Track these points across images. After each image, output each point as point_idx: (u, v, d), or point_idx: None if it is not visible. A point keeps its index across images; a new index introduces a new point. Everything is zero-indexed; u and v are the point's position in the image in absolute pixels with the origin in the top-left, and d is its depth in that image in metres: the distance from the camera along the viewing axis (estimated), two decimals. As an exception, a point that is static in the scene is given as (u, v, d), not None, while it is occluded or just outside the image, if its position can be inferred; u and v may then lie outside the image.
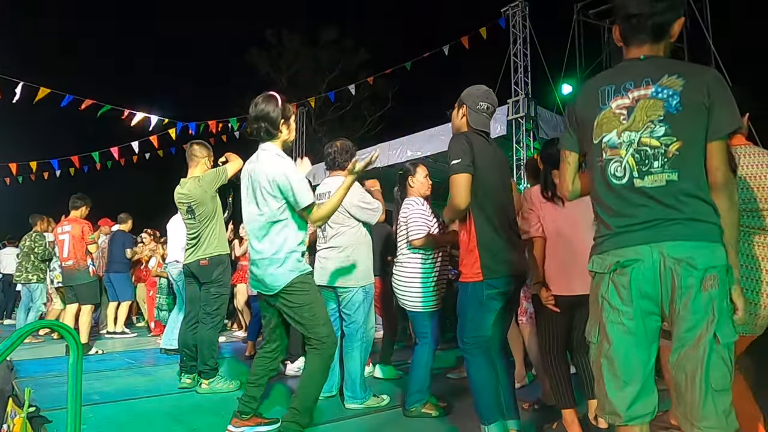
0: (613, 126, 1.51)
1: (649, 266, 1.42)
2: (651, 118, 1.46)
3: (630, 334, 1.46)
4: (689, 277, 1.38)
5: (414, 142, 8.68)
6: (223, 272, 3.76)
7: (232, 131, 11.16)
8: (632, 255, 1.44)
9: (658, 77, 1.47)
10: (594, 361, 1.55)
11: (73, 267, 5.52)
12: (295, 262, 2.51)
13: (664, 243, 1.41)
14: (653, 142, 1.45)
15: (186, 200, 3.71)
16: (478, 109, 2.43)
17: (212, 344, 3.70)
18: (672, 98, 1.44)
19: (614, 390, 1.48)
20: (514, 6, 9.02)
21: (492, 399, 2.30)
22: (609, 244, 1.51)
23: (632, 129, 1.48)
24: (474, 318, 2.32)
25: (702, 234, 1.40)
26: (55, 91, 7.84)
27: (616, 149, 1.50)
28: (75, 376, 1.75)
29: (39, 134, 19.62)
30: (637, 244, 1.44)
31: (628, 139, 1.48)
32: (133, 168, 11.48)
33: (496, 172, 2.38)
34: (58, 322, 1.89)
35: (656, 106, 1.46)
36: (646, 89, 1.48)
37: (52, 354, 5.33)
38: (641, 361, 1.46)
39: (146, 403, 3.39)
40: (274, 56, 21.28)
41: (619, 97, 1.52)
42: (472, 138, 2.34)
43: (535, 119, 8.33)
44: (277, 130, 2.52)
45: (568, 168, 1.72)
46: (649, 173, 1.45)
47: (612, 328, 1.48)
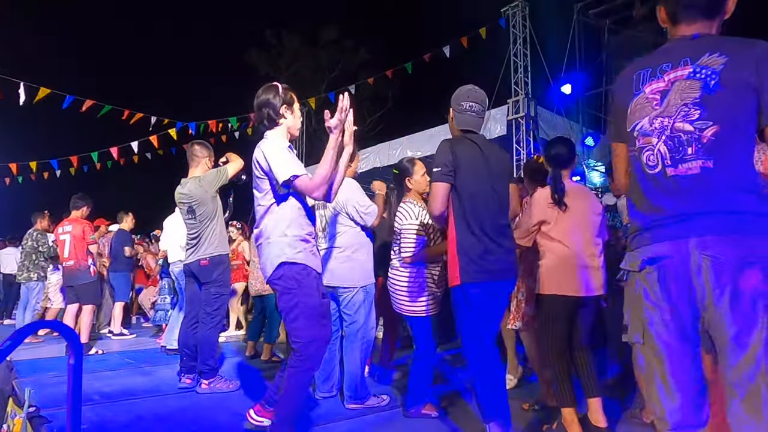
0: (645, 112, 1.41)
1: (679, 263, 1.32)
2: (685, 101, 1.34)
3: (669, 333, 1.36)
4: (721, 273, 1.26)
5: (414, 142, 8.70)
6: (223, 272, 3.76)
7: (232, 131, 11.16)
8: (661, 252, 1.34)
9: (698, 56, 1.35)
10: (637, 364, 1.44)
11: (74, 267, 5.52)
12: (286, 247, 2.35)
13: (694, 238, 1.30)
14: (687, 127, 1.33)
15: (187, 200, 3.71)
16: (461, 110, 2.46)
17: (212, 344, 3.70)
18: (711, 78, 1.31)
19: (662, 395, 1.37)
20: (514, 6, 9.03)
21: (495, 398, 2.31)
22: (639, 240, 1.42)
23: (665, 114, 1.37)
24: (466, 319, 2.35)
25: (737, 227, 1.27)
26: (56, 91, 7.85)
27: (648, 137, 1.40)
28: (75, 376, 1.76)
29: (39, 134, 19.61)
30: (665, 239, 1.34)
31: (660, 126, 1.38)
32: (133, 168, 11.49)
33: (484, 177, 2.37)
34: (58, 322, 1.89)
35: (693, 87, 1.34)
36: (684, 69, 1.36)
37: (52, 354, 5.33)
38: (686, 364, 1.35)
39: (146, 403, 3.39)
40: (274, 56, 21.29)
41: (654, 80, 1.41)
42: (457, 144, 2.37)
43: (535, 119, 8.34)
44: (279, 116, 2.49)
45: (618, 161, 1.58)
46: (682, 161, 1.34)
47: (653, 329, 1.38)
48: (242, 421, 2.98)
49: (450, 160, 2.30)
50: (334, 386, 3.41)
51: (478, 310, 2.32)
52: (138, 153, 10.00)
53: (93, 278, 5.61)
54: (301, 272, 2.35)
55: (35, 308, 6.92)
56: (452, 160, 2.30)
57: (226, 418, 3.06)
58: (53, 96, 7.83)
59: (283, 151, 2.36)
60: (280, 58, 21.36)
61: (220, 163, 3.90)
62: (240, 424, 2.96)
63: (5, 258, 9.10)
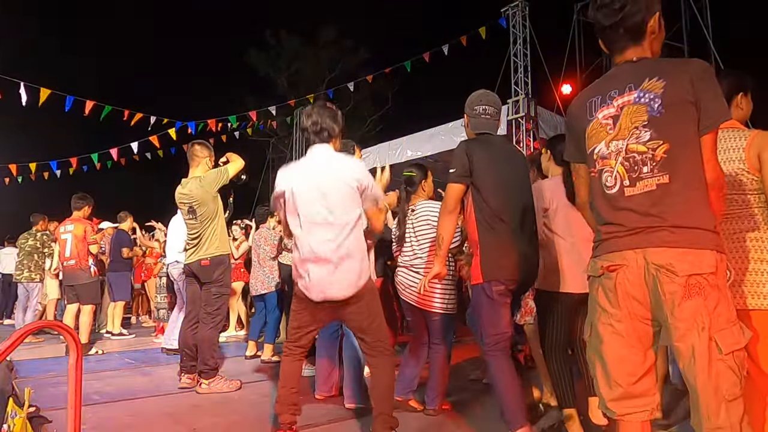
0: (601, 137, 1.52)
1: (634, 271, 1.44)
2: (636, 125, 1.45)
3: (619, 336, 1.48)
4: (671, 284, 1.37)
5: (414, 142, 8.69)
6: (223, 272, 3.76)
7: (232, 130, 11.16)
8: (618, 260, 1.46)
9: (639, 82, 1.47)
10: (588, 358, 1.60)
11: (75, 266, 5.52)
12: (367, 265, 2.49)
13: (648, 249, 1.41)
14: (640, 148, 1.44)
15: (187, 200, 3.71)
16: (474, 114, 2.53)
17: (212, 344, 3.70)
18: (654, 101, 1.43)
19: (605, 387, 1.51)
20: (514, 6, 9.02)
21: (518, 402, 2.32)
22: (600, 249, 1.54)
23: (619, 137, 1.48)
24: (488, 317, 2.38)
25: (687, 240, 1.38)
26: (56, 92, 7.85)
27: (606, 159, 1.51)
28: (75, 376, 1.75)
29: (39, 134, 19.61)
30: (622, 249, 1.46)
31: (616, 148, 1.49)
32: (133, 168, 11.49)
33: (502, 174, 2.40)
34: (58, 322, 1.89)
35: (639, 111, 1.45)
36: (629, 95, 1.48)
37: (52, 354, 5.34)
38: (633, 362, 1.47)
39: (146, 403, 3.39)
40: (273, 56, 21.30)
41: (605, 106, 1.52)
42: (472, 146, 2.41)
43: (535, 119, 8.34)
44: (333, 139, 2.50)
45: (581, 181, 1.71)
46: (639, 179, 1.44)
47: (603, 329, 1.51)
48: (242, 422, 2.99)
49: (466, 162, 2.36)
50: (334, 386, 3.41)
51: (500, 308, 2.35)
52: (138, 153, 10.01)
53: (93, 278, 5.61)
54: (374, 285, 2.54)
55: (36, 308, 6.92)
56: (469, 162, 2.36)
57: (227, 419, 3.06)
58: (53, 96, 7.83)
59: None
60: (279, 58, 21.37)
61: (221, 163, 3.90)
62: (239, 424, 2.97)
63: (5, 258, 9.09)
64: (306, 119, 2.49)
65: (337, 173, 2.37)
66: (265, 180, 17.13)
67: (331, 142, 2.48)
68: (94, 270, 5.61)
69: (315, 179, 2.37)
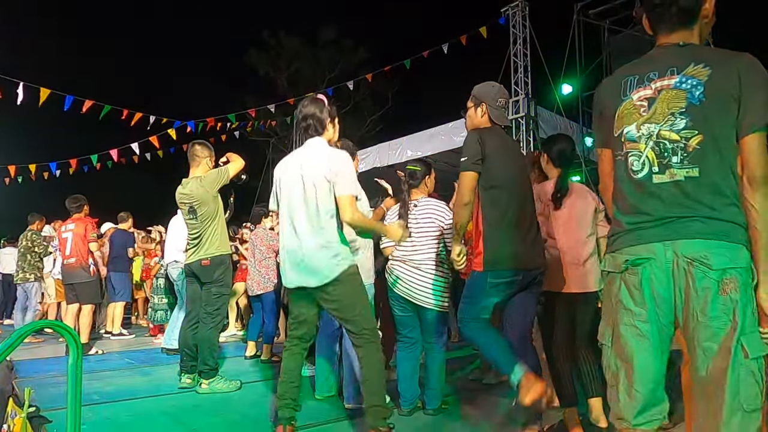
0: (633, 118, 1.43)
1: (662, 266, 1.33)
2: (672, 110, 1.37)
3: (643, 338, 1.37)
4: (704, 279, 1.28)
5: (414, 142, 8.69)
6: (224, 272, 3.76)
7: (232, 130, 11.16)
8: (644, 253, 1.36)
9: (683, 66, 1.38)
10: (607, 365, 1.46)
11: (75, 264, 5.51)
12: (350, 251, 2.51)
13: (679, 241, 1.32)
14: (673, 136, 1.36)
15: (188, 200, 3.71)
16: (498, 106, 2.53)
17: (213, 344, 3.70)
18: (696, 89, 1.35)
19: (625, 395, 1.40)
20: (514, 6, 9.03)
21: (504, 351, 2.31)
22: (622, 242, 1.43)
23: (652, 121, 1.40)
24: (476, 300, 2.39)
25: (721, 233, 1.30)
26: (56, 92, 7.84)
27: (635, 143, 1.42)
28: (75, 376, 1.75)
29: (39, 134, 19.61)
30: (649, 241, 1.36)
31: (647, 132, 1.40)
32: (134, 168, 11.48)
33: (513, 166, 2.43)
34: (58, 322, 1.89)
35: (679, 97, 1.37)
36: (670, 79, 1.39)
37: (52, 354, 5.33)
38: (655, 367, 1.38)
39: (146, 403, 3.39)
40: (273, 56, 21.30)
41: (641, 87, 1.44)
42: (486, 135, 2.40)
43: (535, 119, 8.34)
44: (324, 129, 2.58)
45: (604, 165, 1.60)
46: (668, 167, 1.36)
47: (626, 331, 1.40)
48: (242, 422, 2.99)
49: (479, 150, 2.34)
50: (333, 386, 3.41)
51: (495, 298, 2.37)
52: (137, 153, 10.00)
53: (92, 277, 5.60)
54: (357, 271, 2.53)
55: (36, 308, 6.91)
56: (481, 150, 2.34)
57: (227, 419, 3.06)
58: (53, 96, 7.82)
59: (353, 171, 2.51)
60: (279, 58, 21.37)
61: (221, 163, 3.90)
62: (239, 424, 2.97)
63: (5, 258, 9.09)
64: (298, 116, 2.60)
65: (315, 164, 2.46)
66: (265, 180, 17.11)
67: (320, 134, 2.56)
68: (93, 269, 5.60)
69: (297, 170, 2.51)
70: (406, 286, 3.04)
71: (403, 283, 3.05)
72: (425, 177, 3.16)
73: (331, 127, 2.63)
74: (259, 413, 3.11)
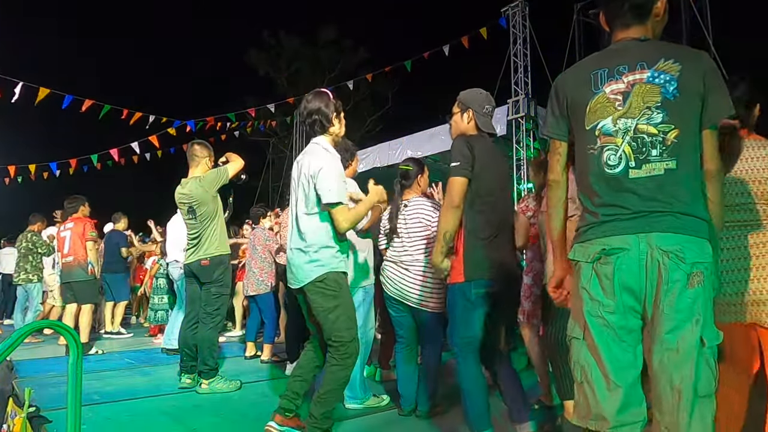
0: (608, 112, 1.44)
1: (635, 257, 1.35)
2: (648, 104, 1.39)
3: (611, 329, 1.38)
4: (677, 271, 1.32)
5: (414, 142, 8.68)
6: (223, 272, 3.76)
7: (231, 130, 11.15)
8: (618, 244, 1.37)
9: (653, 61, 1.41)
10: (576, 359, 1.45)
11: (73, 263, 5.50)
12: (330, 258, 2.46)
13: (653, 234, 1.35)
14: (651, 130, 1.38)
15: (187, 200, 3.71)
16: (484, 113, 2.50)
17: (212, 344, 3.70)
18: (669, 84, 1.38)
19: (603, 391, 1.37)
20: (514, 6, 9.02)
21: (482, 406, 2.31)
22: (594, 233, 1.43)
23: (628, 115, 1.41)
24: (462, 317, 2.33)
25: (692, 228, 1.35)
26: (55, 91, 7.84)
27: (611, 136, 1.42)
28: (75, 376, 1.75)
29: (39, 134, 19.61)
30: (624, 233, 1.37)
31: (624, 126, 1.41)
32: (133, 168, 11.48)
33: (495, 175, 2.39)
34: (58, 322, 1.88)
35: (653, 91, 1.39)
36: (642, 73, 1.41)
37: (52, 354, 5.33)
38: (627, 361, 1.38)
39: (146, 403, 3.39)
40: (273, 56, 21.31)
41: (613, 81, 1.44)
42: (474, 141, 2.37)
43: (535, 119, 8.33)
44: (330, 123, 2.58)
45: (559, 160, 1.60)
46: (646, 161, 1.38)
47: (592, 322, 1.40)
48: (242, 422, 2.99)
49: (469, 154, 2.31)
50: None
51: (476, 310, 2.30)
52: (137, 153, 10.00)
53: (90, 276, 5.59)
54: (344, 277, 2.52)
55: (37, 309, 6.91)
56: (470, 155, 2.31)
57: (226, 419, 3.06)
58: (53, 96, 7.82)
59: (340, 176, 2.50)
60: (279, 58, 21.37)
61: (220, 163, 3.90)
62: (239, 424, 2.97)
63: (5, 258, 9.09)
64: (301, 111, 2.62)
65: (305, 166, 2.50)
66: (265, 180, 17.15)
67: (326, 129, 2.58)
68: (91, 268, 5.59)
69: (296, 170, 2.59)
70: (397, 288, 3.04)
71: (395, 284, 3.05)
72: (418, 176, 3.14)
73: (337, 121, 2.62)
74: (259, 413, 3.11)
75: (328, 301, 2.43)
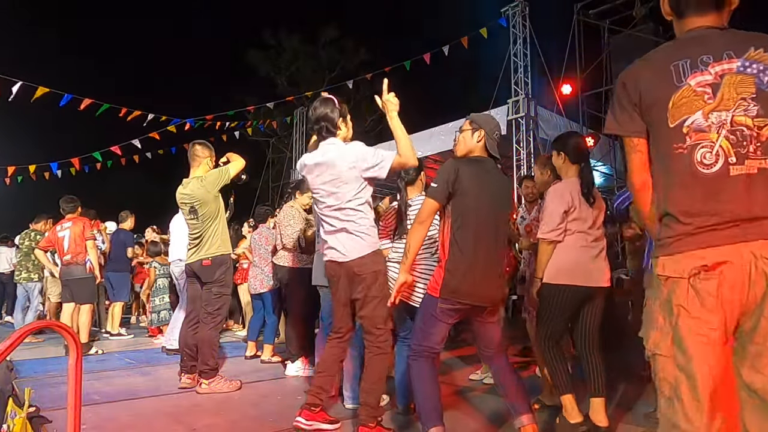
0: (696, 106, 1.30)
1: (739, 269, 1.23)
2: (742, 95, 1.27)
3: (712, 346, 1.26)
4: None
5: (414, 142, 8.66)
6: (225, 272, 3.76)
7: (231, 129, 11.15)
8: (720, 257, 1.25)
9: (742, 50, 1.29)
10: (663, 376, 1.33)
11: (71, 261, 5.49)
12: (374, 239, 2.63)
13: (756, 242, 1.23)
14: (747, 122, 1.25)
15: (189, 200, 3.71)
16: (494, 137, 2.54)
17: (213, 344, 3.70)
18: (763, 73, 1.26)
19: (696, 413, 1.25)
20: (514, 6, 9.02)
21: (432, 404, 2.34)
22: (685, 244, 1.29)
23: (722, 108, 1.27)
24: (426, 327, 2.40)
25: None
26: (54, 90, 7.83)
27: (704, 132, 1.28)
28: (75, 376, 1.75)
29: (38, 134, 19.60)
30: (723, 244, 1.25)
31: (718, 120, 1.27)
32: (133, 168, 11.48)
33: (487, 201, 2.40)
34: (58, 322, 1.88)
35: (746, 81, 1.27)
36: (730, 62, 1.29)
37: (52, 354, 5.33)
38: (726, 379, 1.27)
39: (146, 403, 3.39)
40: (273, 56, 21.30)
41: (697, 72, 1.31)
42: (465, 166, 2.41)
43: (535, 119, 8.34)
44: (336, 128, 2.69)
45: (640, 158, 1.44)
46: (747, 157, 1.25)
47: (693, 340, 1.27)
48: (242, 422, 2.99)
49: (452, 180, 2.35)
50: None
51: (438, 324, 2.38)
52: (138, 153, 10.01)
53: (88, 274, 5.58)
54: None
55: (37, 308, 6.90)
56: (455, 180, 2.35)
57: (227, 419, 3.06)
58: (52, 95, 7.81)
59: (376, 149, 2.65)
60: (279, 58, 21.36)
61: (221, 163, 3.90)
62: (239, 424, 2.96)
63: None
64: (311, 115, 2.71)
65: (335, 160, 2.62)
66: (265, 180, 17.13)
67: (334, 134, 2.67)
68: (90, 266, 5.58)
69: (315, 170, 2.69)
70: None
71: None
72: (419, 173, 3.16)
73: (344, 125, 2.73)
74: (259, 413, 3.11)
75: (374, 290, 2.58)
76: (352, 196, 2.59)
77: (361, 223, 2.61)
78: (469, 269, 2.31)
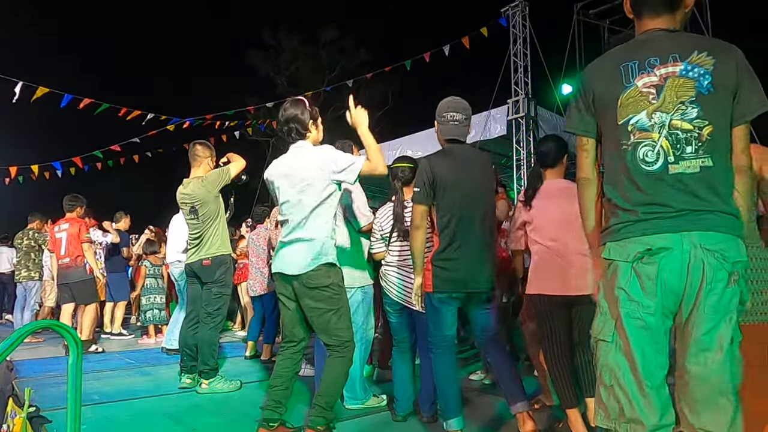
0: (641, 106, 1.38)
1: (678, 256, 1.30)
2: (682, 99, 1.34)
3: (648, 331, 1.33)
4: (721, 270, 1.28)
5: (414, 142, 8.69)
6: (225, 272, 3.76)
7: (231, 129, 11.14)
8: (662, 243, 1.32)
9: (686, 54, 1.35)
10: (604, 362, 1.39)
11: (70, 264, 5.50)
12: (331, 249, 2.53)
13: (695, 232, 1.30)
14: (685, 125, 1.33)
15: (189, 200, 3.71)
16: (443, 120, 2.56)
17: (213, 344, 3.70)
18: (703, 78, 1.33)
19: (636, 395, 1.33)
20: (514, 6, 9.02)
21: (454, 396, 2.50)
22: (632, 231, 1.37)
23: (663, 110, 1.35)
24: (432, 320, 2.55)
25: (731, 227, 1.32)
26: (54, 90, 7.83)
27: (647, 132, 1.37)
28: (75, 376, 1.75)
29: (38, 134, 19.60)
30: (666, 231, 1.32)
31: (659, 121, 1.35)
32: (134, 168, 11.48)
33: (467, 187, 2.46)
34: (58, 322, 1.89)
35: (687, 85, 1.34)
36: (674, 66, 1.36)
37: (52, 354, 5.33)
38: (659, 363, 1.34)
39: (146, 403, 3.39)
40: (273, 56, 21.30)
41: (644, 74, 1.38)
42: (436, 161, 2.48)
43: (535, 119, 8.34)
44: (306, 130, 2.61)
45: (587, 156, 1.54)
46: (682, 158, 1.33)
47: (629, 324, 1.34)
48: (242, 422, 2.99)
49: (430, 180, 2.44)
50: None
51: (440, 313, 2.50)
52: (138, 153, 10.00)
53: (89, 275, 5.58)
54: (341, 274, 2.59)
55: (34, 308, 6.90)
56: (432, 179, 2.44)
57: (226, 419, 3.06)
58: (52, 95, 7.81)
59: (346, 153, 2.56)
60: (279, 58, 21.36)
61: (221, 163, 3.90)
62: (239, 424, 2.96)
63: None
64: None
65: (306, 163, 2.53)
66: (265, 180, 17.12)
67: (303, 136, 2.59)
68: (89, 267, 5.58)
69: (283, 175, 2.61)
70: (402, 294, 3.01)
71: (397, 287, 3.03)
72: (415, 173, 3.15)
73: (314, 128, 2.64)
74: (260, 413, 3.11)
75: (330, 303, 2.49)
76: (317, 201, 2.46)
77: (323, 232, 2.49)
78: (458, 260, 2.41)
